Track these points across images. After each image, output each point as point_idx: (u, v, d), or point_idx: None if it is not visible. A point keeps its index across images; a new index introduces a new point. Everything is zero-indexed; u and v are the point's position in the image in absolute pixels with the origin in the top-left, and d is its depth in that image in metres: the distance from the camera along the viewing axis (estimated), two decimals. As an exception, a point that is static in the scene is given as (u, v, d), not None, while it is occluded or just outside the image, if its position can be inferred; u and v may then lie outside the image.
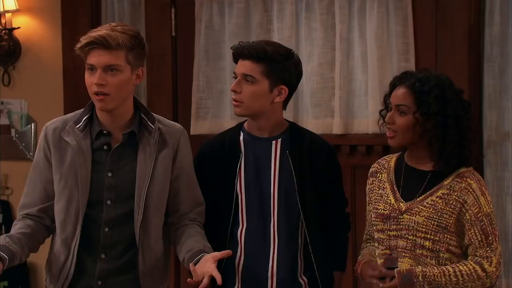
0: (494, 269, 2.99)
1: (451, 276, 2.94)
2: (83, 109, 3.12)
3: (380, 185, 3.15)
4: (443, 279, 2.93)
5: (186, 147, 3.18)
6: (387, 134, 3.08)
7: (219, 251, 3.13)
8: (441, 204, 3.01)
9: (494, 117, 4.39)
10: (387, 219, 3.07)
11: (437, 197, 3.03)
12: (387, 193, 3.11)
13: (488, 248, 2.99)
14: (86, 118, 3.08)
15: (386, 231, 3.07)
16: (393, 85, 3.11)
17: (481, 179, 3.07)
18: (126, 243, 3.08)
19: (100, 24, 5.00)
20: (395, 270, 2.95)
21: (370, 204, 3.19)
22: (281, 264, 3.23)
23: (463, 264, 2.97)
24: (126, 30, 3.02)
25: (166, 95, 4.94)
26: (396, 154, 3.20)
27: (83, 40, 2.98)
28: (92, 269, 3.07)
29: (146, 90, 5.03)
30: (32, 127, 5.12)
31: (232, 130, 3.34)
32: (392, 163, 3.17)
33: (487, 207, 3.01)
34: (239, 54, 3.19)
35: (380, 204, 3.10)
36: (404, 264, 3.01)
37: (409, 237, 3.02)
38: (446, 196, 3.02)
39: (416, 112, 3.02)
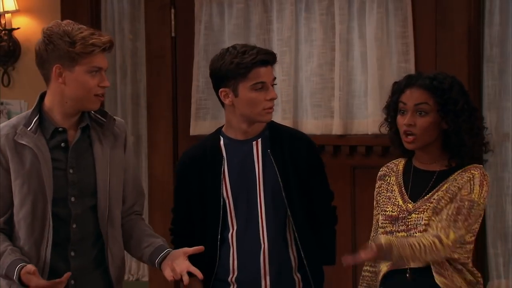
0: (450, 243, 2.93)
1: (415, 249, 2.89)
2: (28, 112, 3.11)
3: (388, 188, 3.14)
4: (409, 252, 2.89)
5: (130, 139, 3.23)
6: (406, 138, 3.05)
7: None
8: (443, 194, 3.02)
9: (493, 118, 4.39)
10: (395, 220, 3.06)
11: (442, 191, 3.03)
12: (395, 195, 3.11)
13: (451, 224, 2.95)
14: (36, 120, 3.07)
15: (395, 233, 3.06)
16: (399, 90, 3.09)
17: (487, 174, 3.05)
18: (93, 238, 3.08)
19: (100, 25, 5.03)
20: (376, 244, 2.88)
21: (376, 209, 3.18)
22: (272, 262, 3.23)
23: (425, 238, 2.93)
24: None
25: (166, 95, 4.94)
26: (404, 158, 3.19)
27: (96, 41, 2.99)
28: (64, 268, 3.04)
29: (145, 90, 5.04)
30: (32, 128, 5.12)
31: (211, 136, 3.34)
32: (401, 167, 3.16)
33: (476, 196, 2.99)
34: (268, 61, 3.19)
35: (388, 207, 3.10)
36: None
37: (417, 234, 3.01)
38: (449, 187, 3.02)
39: (439, 110, 3.02)
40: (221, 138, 3.29)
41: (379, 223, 3.14)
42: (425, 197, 3.05)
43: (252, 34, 4.74)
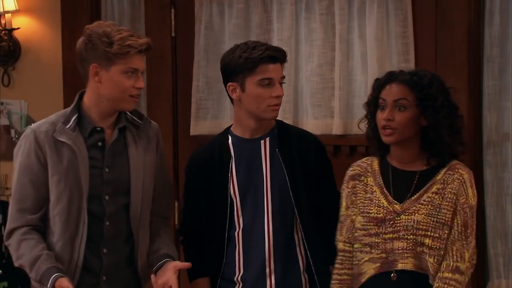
0: (468, 264, 2.99)
1: None
2: (67, 110, 3.18)
3: (367, 189, 3.12)
4: None
5: (161, 142, 3.33)
6: (384, 132, 3.06)
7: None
8: (438, 199, 3.01)
9: (493, 118, 4.39)
10: (382, 222, 3.05)
11: (432, 193, 3.03)
12: (377, 196, 3.09)
13: (464, 242, 2.99)
14: (75, 118, 3.13)
15: (381, 235, 3.05)
16: (380, 86, 3.10)
17: (471, 171, 3.08)
18: (124, 237, 3.17)
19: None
20: None
21: (350, 209, 3.13)
22: (277, 261, 3.26)
23: (445, 283, 2.96)
24: None
25: (166, 95, 4.94)
26: (375, 157, 3.18)
27: (132, 43, 3.05)
28: (96, 265, 3.14)
29: (146, 90, 5.03)
30: (32, 128, 5.13)
31: (220, 136, 3.37)
32: (376, 166, 3.15)
33: (472, 200, 3.03)
34: (277, 57, 3.21)
35: (371, 208, 3.08)
36: (408, 265, 3.00)
37: (409, 236, 3.01)
38: (441, 190, 3.02)
39: (418, 105, 3.02)
40: (229, 137, 3.30)
41: (360, 225, 3.10)
42: (412, 198, 3.05)
43: (252, 34, 4.74)
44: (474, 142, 4.36)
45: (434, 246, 2.99)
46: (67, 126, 3.11)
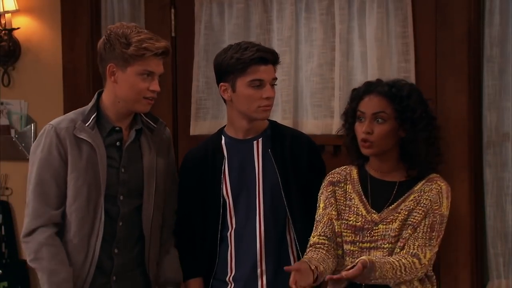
0: (426, 262, 2.97)
1: (396, 268, 2.90)
2: (86, 108, 3.21)
3: (347, 196, 3.10)
4: (391, 273, 2.89)
5: (172, 147, 3.37)
6: (363, 144, 3.04)
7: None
8: (413, 205, 3.01)
9: (493, 118, 4.38)
10: (360, 231, 3.03)
11: (409, 201, 3.02)
12: (355, 204, 3.07)
13: (427, 242, 2.97)
14: (94, 117, 3.16)
15: (357, 243, 3.03)
16: (358, 97, 3.07)
17: (448, 185, 3.08)
18: (135, 237, 3.20)
19: (100, 25, 5.03)
20: (361, 261, 2.84)
21: (329, 209, 3.09)
22: (269, 262, 3.26)
23: (404, 258, 2.93)
24: None
25: (166, 95, 4.93)
26: (353, 166, 3.16)
27: (148, 46, 3.09)
28: (108, 264, 3.17)
29: (146, 90, 5.03)
30: (32, 128, 5.13)
31: (214, 136, 3.38)
32: (355, 175, 3.13)
33: (445, 210, 3.01)
34: (268, 59, 3.21)
35: (350, 216, 3.07)
36: None
37: (385, 245, 3.00)
38: (417, 198, 3.02)
39: (397, 118, 3.01)
40: (223, 138, 3.31)
41: (338, 230, 3.07)
42: (390, 207, 3.03)
43: (252, 34, 4.74)
44: (474, 142, 4.36)
45: (398, 246, 2.99)
46: (86, 124, 3.14)
